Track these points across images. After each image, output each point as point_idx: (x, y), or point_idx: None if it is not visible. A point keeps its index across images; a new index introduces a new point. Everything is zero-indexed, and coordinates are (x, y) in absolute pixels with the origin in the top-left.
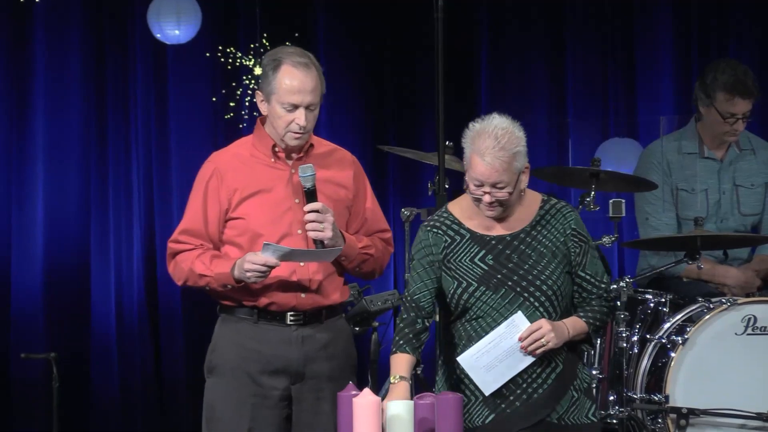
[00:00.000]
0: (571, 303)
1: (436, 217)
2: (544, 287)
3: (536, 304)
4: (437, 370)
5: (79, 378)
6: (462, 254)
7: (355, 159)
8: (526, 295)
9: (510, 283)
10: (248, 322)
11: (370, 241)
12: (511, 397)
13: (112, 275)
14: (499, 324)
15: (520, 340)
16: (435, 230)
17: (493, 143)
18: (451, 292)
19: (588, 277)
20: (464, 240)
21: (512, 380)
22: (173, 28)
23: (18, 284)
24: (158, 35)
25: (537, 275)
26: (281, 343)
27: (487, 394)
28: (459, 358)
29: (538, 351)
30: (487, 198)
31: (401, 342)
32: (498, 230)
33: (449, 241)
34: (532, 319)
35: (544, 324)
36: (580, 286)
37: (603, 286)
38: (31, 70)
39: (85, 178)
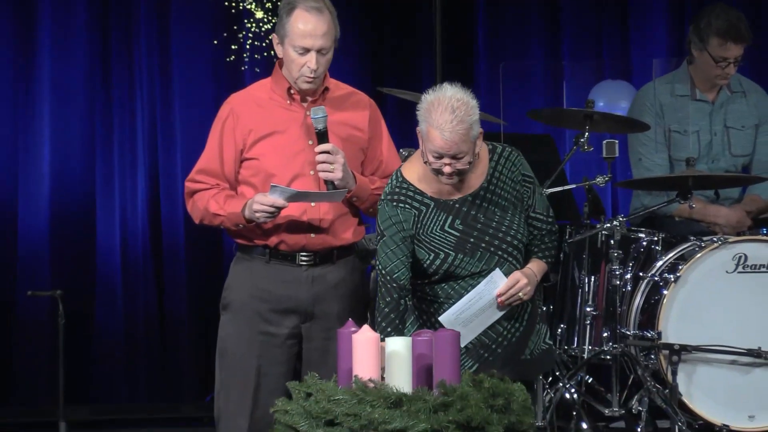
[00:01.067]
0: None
1: (397, 190)
2: (515, 241)
3: (510, 259)
4: None
5: (84, 315)
6: (431, 224)
7: (372, 102)
8: (500, 253)
9: (483, 245)
10: (260, 261)
11: (383, 183)
12: (493, 345)
13: (116, 214)
14: (478, 283)
15: (499, 295)
16: (402, 205)
17: (450, 117)
18: (428, 263)
19: (539, 215)
20: (430, 209)
21: (494, 329)
22: None
23: (25, 223)
24: None
25: (506, 231)
26: (291, 283)
27: (461, 345)
28: (441, 318)
29: (514, 304)
30: (447, 169)
31: (389, 329)
32: (459, 192)
33: (417, 213)
34: (508, 270)
35: (521, 278)
36: (532, 225)
37: (550, 221)
38: (36, 15)
39: (90, 119)
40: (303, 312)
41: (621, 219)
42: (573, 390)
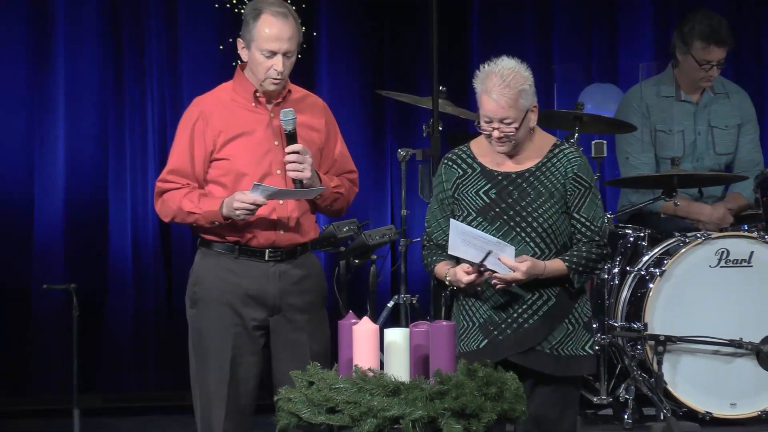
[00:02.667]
0: (570, 242)
1: (456, 150)
2: (535, 224)
3: (527, 238)
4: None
5: (97, 308)
6: (470, 186)
7: (326, 105)
8: (518, 229)
9: (505, 217)
10: (229, 257)
11: (339, 181)
12: (503, 325)
13: (128, 211)
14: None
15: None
16: (450, 163)
17: (499, 81)
18: (458, 219)
19: (582, 219)
20: (475, 173)
21: (504, 310)
22: None
23: (41, 220)
24: None
25: (531, 212)
26: (260, 278)
27: (449, 252)
28: (452, 221)
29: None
30: (495, 133)
31: (434, 258)
32: (507, 167)
33: (461, 173)
34: (524, 250)
35: (520, 265)
36: (574, 227)
37: (595, 230)
38: (51, 21)
39: (102, 120)
40: (271, 305)
41: (609, 216)
42: None
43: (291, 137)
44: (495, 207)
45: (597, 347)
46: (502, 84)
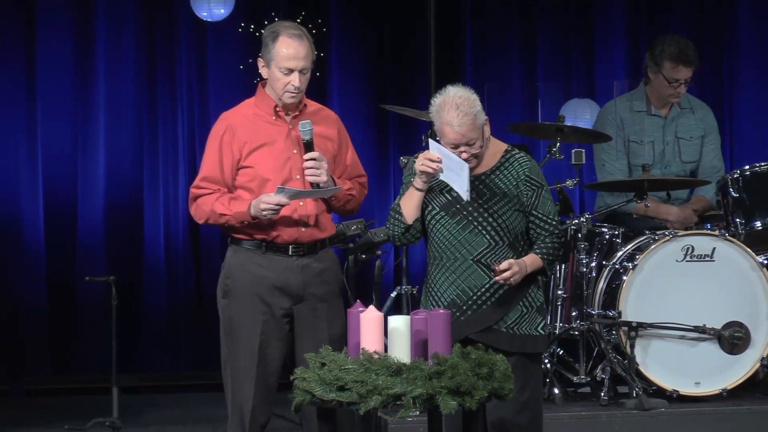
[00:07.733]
0: (523, 237)
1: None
2: (490, 219)
3: (483, 231)
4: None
5: (134, 297)
6: (434, 185)
7: (338, 117)
8: (476, 223)
9: (465, 213)
10: (256, 252)
11: (351, 184)
12: (464, 307)
13: (161, 212)
14: (453, 244)
15: (496, 274)
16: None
17: (456, 113)
18: (424, 215)
19: (540, 215)
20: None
21: (466, 294)
22: (219, 8)
23: (84, 219)
24: (204, 14)
25: (487, 209)
26: (284, 271)
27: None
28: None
29: (505, 283)
30: (464, 155)
31: (396, 213)
32: None
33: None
34: (480, 242)
35: (513, 265)
36: (533, 223)
37: (553, 224)
38: (94, 43)
39: (138, 130)
40: (295, 294)
41: (587, 216)
42: (546, 361)
43: (308, 146)
44: (456, 204)
45: (549, 329)
46: (460, 114)
